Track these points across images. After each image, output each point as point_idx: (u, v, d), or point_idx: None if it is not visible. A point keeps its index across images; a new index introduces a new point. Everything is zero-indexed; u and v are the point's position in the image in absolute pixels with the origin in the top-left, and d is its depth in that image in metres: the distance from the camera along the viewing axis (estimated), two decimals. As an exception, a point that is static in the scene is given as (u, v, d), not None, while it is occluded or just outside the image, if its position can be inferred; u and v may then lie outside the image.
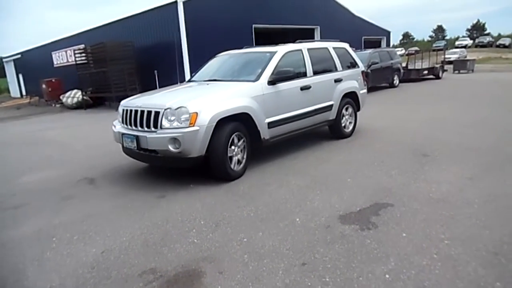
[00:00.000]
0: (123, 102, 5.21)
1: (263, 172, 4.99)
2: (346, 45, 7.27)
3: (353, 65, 7.07)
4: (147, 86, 15.08)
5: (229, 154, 4.66)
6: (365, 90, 7.34)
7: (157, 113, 4.46)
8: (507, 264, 2.57)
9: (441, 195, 3.82)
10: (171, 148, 4.30)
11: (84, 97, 16.31)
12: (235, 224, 3.46)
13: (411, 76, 18.09)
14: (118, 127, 5.08)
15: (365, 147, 6.01)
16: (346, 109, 6.77)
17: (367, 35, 22.02)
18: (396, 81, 15.64)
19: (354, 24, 21.01)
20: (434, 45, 51.94)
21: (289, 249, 2.94)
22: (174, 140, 4.28)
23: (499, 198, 3.66)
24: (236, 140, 4.77)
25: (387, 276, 2.53)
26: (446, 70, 20.89)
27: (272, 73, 5.29)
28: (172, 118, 4.39)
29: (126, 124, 4.89)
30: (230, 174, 4.68)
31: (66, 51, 20.08)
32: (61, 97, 17.77)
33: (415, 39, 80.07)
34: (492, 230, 3.04)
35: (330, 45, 6.81)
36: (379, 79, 14.68)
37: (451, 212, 3.42)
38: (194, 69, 13.64)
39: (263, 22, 16.14)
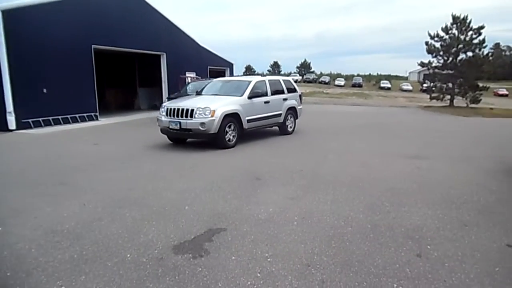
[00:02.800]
0: (165, 104, 9.12)
1: (95, 206, 4.56)
2: (290, 79, 12.11)
3: (294, 90, 11.26)
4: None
5: (227, 134, 8.45)
6: (301, 106, 11.57)
7: (192, 110, 8.19)
8: (315, 273, 2.95)
9: (268, 216, 4.19)
10: (200, 128, 8.06)
11: None
12: (53, 270, 3.01)
13: (251, 105, 19.73)
14: (164, 118, 8.58)
15: (204, 174, 6.17)
16: (290, 117, 10.86)
17: (212, 65, 23.15)
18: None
19: (199, 53, 21.85)
20: (271, 78, 58.14)
21: (115, 290, 2.71)
22: (202, 123, 8.03)
23: (313, 215, 4.23)
24: (230, 126, 8.53)
25: (214, 302, 2.57)
26: (280, 101, 23.61)
27: (250, 92, 9.26)
28: (201, 112, 8.12)
29: (171, 116, 8.46)
30: (226, 145, 8.44)
31: None
32: None
33: (256, 72, 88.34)
34: (306, 244, 3.47)
35: (281, 78, 11.46)
36: (223, 107, 15.52)
37: (275, 231, 3.77)
38: (18, 87, 11.78)
39: (104, 43, 15.19)
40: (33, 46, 12.29)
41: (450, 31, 24.78)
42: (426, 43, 25.50)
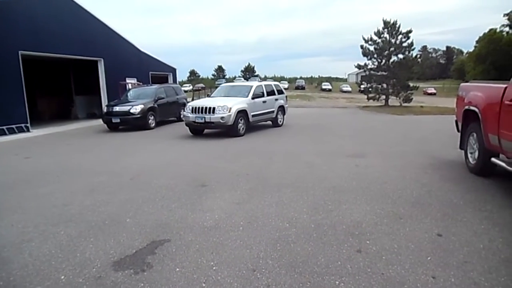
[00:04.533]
0: (190, 104, 12.07)
1: (25, 226, 4.20)
2: (278, 83, 15.08)
3: (282, 92, 14.18)
4: None
5: (239, 125, 11.17)
6: (287, 104, 14.66)
7: (214, 107, 10.87)
8: (261, 278, 2.95)
9: (213, 223, 4.13)
10: (221, 121, 10.75)
11: None
12: (-26, 301, 2.72)
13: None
14: (191, 114, 11.25)
15: (146, 185, 5.94)
16: (280, 113, 13.76)
17: (154, 70, 22.54)
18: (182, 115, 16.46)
19: (140, 59, 21.18)
20: (216, 82, 58.35)
21: (47, 317, 2.50)
22: (222, 117, 10.71)
23: (258, 218, 4.25)
24: (241, 120, 11.23)
25: (157, 318, 2.47)
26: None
27: (252, 94, 12.01)
28: (220, 109, 10.79)
29: (197, 113, 11.11)
30: (239, 134, 11.13)
31: None
32: None
33: (200, 76, 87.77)
34: (252, 249, 3.47)
35: (273, 83, 14.39)
36: (166, 113, 15.14)
37: (221, 238, 3.72)
38: None
39: (34, 49, 14.18)
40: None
41: (382, 35, 26.38)
42: (361, 46, 26.94)
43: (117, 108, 13.60)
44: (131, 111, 13.30)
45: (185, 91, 20.59)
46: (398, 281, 2.86)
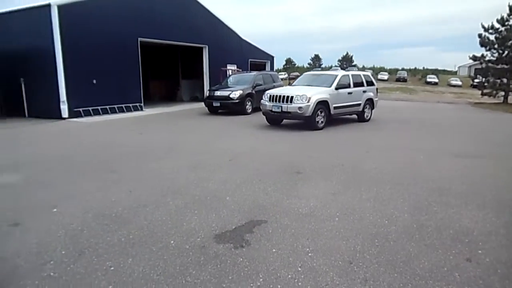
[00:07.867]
0: (268, 92, 11.09)
1: (140, 193, 4.74)
2: (369, 73, 13.73)
3: (372, 84, 12.72)
4: (10, 94, 13.29)
5: (317, 117, 10.24)
6: (377, 98, 13.17)
7: (292, 96, 10.06)
8: (358, 271, 2.89)
9: (309, 210, 4.15)
10: (298, 111, 9.92)
11: None
12: (103, 251, 3.17)
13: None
14: (268, 103, 10.63)
15: (244, 167, 6.20)
16: (367, 107, 12.40)
17: (253, 58, 23.19)
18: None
19: (241, 46, 21.95)
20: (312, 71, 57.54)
21: (160, 274, 2.81)
22: (300, 107, 9.88)
23: (355, 211, 4.14)
24: (321, 112, 10.29)
25: (255, 293, 2.60)
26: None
27: (336, 84, 10.95)
28: (299, 98, 9.96)
29: (274, 101, 10.45)
30: (317, 127, 10.23)
31: None
32: None
33: (296, 65, 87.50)
34: (348, 241, 3.41)
35: (361, 73, 12.96)
36: (263, 100, 15.49)
37: (316, 226, 3.73)
38: (70, 78, 12.45)
39: (150, 36, 15.66)
40: (84, 40, 12.92)
41: (506, 23, 23.09)
42: (480, 35, 23.95)
43: (218, 93, 14.38)
44: (231, 96, 13.94)
45: (281, 79, 20.81)
46: (517, 299, 2.54)
